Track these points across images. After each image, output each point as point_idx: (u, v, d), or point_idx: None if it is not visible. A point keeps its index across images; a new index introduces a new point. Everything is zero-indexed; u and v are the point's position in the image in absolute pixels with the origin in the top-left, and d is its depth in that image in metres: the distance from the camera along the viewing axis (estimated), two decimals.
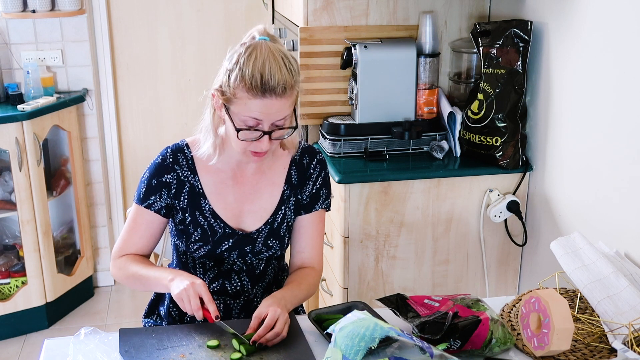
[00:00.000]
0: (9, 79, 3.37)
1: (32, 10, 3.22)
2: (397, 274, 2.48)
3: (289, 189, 1.79)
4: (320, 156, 1.82)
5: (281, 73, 1.55)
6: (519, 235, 2.53)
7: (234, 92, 1.57)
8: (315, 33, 2.55)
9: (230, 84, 1.57)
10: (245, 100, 1.56)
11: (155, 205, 1.74)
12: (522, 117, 2.43)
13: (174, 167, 1.73)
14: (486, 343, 1.50)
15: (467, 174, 2.44)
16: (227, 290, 1.81)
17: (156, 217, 1.75)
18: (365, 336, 1.33)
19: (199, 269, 1.80)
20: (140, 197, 1.75)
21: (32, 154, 3.11)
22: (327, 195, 1.83)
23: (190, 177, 1.74)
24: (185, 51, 3.66)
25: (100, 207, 3.67)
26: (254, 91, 1.54)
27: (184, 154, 1.74)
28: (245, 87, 1.55)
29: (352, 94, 2.55)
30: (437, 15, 2.60)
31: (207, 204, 1.74)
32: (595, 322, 1.64)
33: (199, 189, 1.74)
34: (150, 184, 1.73)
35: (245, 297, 1.83)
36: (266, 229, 1.77)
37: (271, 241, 1.78)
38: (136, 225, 1.76)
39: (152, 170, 1.74)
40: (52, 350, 1.56)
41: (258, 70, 1.54)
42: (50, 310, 3.37)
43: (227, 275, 1.80)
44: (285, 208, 1.78)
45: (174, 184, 1.73)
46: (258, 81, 1.54)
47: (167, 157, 1.74)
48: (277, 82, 1.55)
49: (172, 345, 1.54)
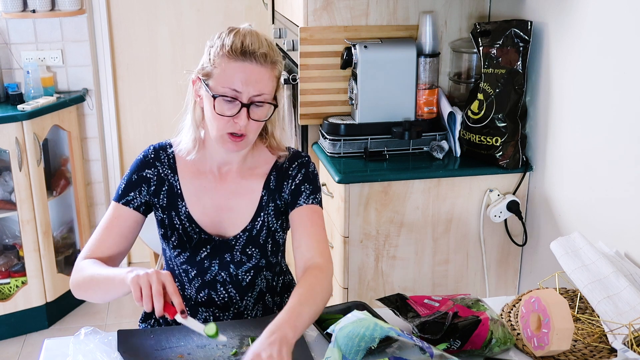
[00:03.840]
0: (9, 79, 3.37)
1: (32, 10, 3.22)
2: (397, 274, 2.48)
3: (267, 194, 1.72)
4: (304, 159, 1.74)
5: (261, 44, 1.57)
6: (519, 235, 2.52)
7: (214, 62, 1.57)
8: (315, 33, 2.54)
9: (211, 58, 1.58)
10: (224, 67, 1.55)
11: (134, 202, 1.69)
12: (522, 117, 2.43)
13: (154, 163, 1.71)
14: (486, 343, 1.50)
15: (467, 174, 2.44)
16: (214, 301, 1.75)
17: (133, 215, 1.68)
18: (365, 336, 1.33)
19: (184, 277, 1.75)
20: (119, 194, 1.70)
21: (32, 153, 3.11)
22: (311, 191, 1.71)
23: (170, 176, 1.71)
24: (185, 51, 3.66)
25: (100, 207, 3.67)
26: (234, 54, 1.54)
27: (166, 153, 1.72)
28: (225, 53, 1.55)
29: (352, 94, 2.55)
30: (437, 15, 2.60)
31: (184, 206, 1.70)
32: (595, 322, 1.64)
33: (177, 189, 1.71)
34: (131, 179, 1.70)
35: (235, 309, 1.76)
36: (244, 236, 1.70)
37: (250, 249, 1.71)
38: (111, 224, 1.68)
39: (133, 167, 1.71)
40: (52, 350, 1.55)
41: (239, 39, 1.56)
42: (50, 310, 3.37)
43: (213, 286, 1.74)
44: (264, 214, 1.71)
45: (154, 180, 1.70)
46: (238, 46, 1.55)
47: (148, 153, 1.72)
48: (258, 48, 1.55)
49: (171, 345, 1.54)
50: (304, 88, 2.59)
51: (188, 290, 1.77)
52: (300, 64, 2.56)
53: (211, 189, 1.71)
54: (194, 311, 1.77)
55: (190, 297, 1.77)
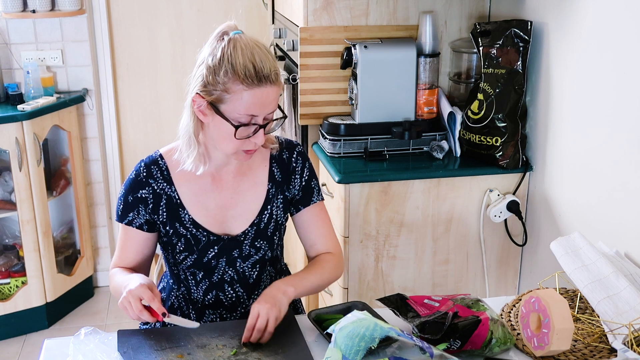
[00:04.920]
0: (9, 79, 3.37)
1: (32, 10, 3.22)
2: (397, 274, 2.48)
3: (274, 187, 1.74)
4: (300, 148, 1.78)
5: (269, 60, 1.54)
6: (519, 235, 2.52)
7: (226, 88, 1.52)
8: (315, 33, 2.54)
9: (220, 80, 1.52)
10: (241, 94, 1.52)
11: (135, 222, 1.70)
12: (522, 117, 2.43)
13: (148, 182, 1.68)
14: (486, 343, 1.50)
15: (467, 174, 2.44)
16: (222, 302, 1.77)
17: (140, 234, 1.71)
18: (365, 336, 1.33)
19: (191, 281, 1.76)
20: (119, 214, 1.71)
21: (32, 154, 3.11)
22: (318, 186, 1.80)
23: (167, 188, 1.69)
24: (185, 51, 3.66)
25: (100, 207, 3.67)
26: (249, 81, 1.51)
27: (158, 166, 1.69)
28: (239, 78, 1.51)
29: (352, 94, 2.55)
30: (437, 15, 2.60)
31: (187, 214, 1.69)
32: (595, 322, 1.64)
33: (176, 199, 1.69)
34: (127, 200, 1.69)
35: (242, 309, 1.78)
36: (252, 230, 1.72)
37: (259, 242, 1.74)
38: (125, 245, 1.73)
39: (127, 186, 1.70)
40: (52, 350, 1.56)
41: (249, 59, 1.51)
42: (50, 310, 3.37)
43: (220, 286, 1.75)
44: (271, 207, 1.74)
45: (151, 199, 1.69)
46: (252, 70, 1.51)
47: (140, 171, 1.69)
48: (270, 69, 1.53)
49: (171, 345, 1.54)
50: (304, 88, 2.59)
51: (195, 294, 1.77)
52: (300, 64, 2.56)
53: (211, 190, 1.71)
54: (201, 314, 1.78)
55: (197, 300, 1.77)
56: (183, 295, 1.79)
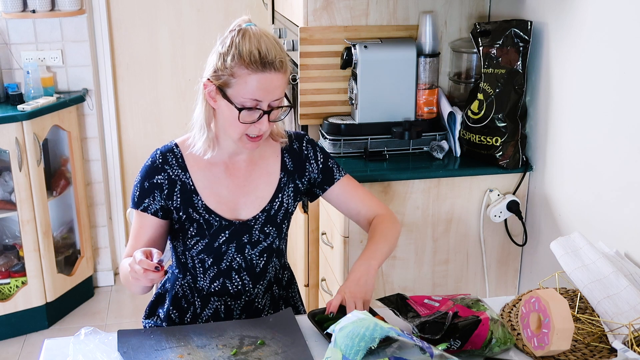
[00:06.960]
0: (9, 79, 3.37)
1: (32, 10, 3.22)
2: (397, 274, 2.48)
3: (286, 176, 1.81)
4: (308, 137, 1.87)
5: (276, 49, 1.62)
6: (519, 235, 2.52)
7: (232, 72, 1.60)
8: (315, 33, 2.55)
9: (227, 65, 1.60)
10: (245, 78, 1.60)
11: (150, 208, 1.74)
12: (522, 117, 2.43)
13: (164, 167, 1.74)
14: (486, 343, 1.50)
15: (467, 174, 2.44)
16: (228, 290, 1.81)
17: (155, 220, 1.75)
18: (365, 336, 1.33)
19: (199, 269, 1.80)
20: (134, 201, 1.75)
21: (32, 154, 3.11)
22: (337, 164, 1.87)
23: (182, 175, 1.75)
24: (185, 51, 3.66)
25: (100, 207, 3.68)
26: (254, 66, 1.59)
27: (174, 154, 1.76)
28: (244, 63, 1.59)
29: (352, 94, 2.55)
30: (437, 15, 2.60)
31: (200, 200, 1.74)
32: (595, 322, 1.64)
33: (190, 185, 1.75)
34: (143, 186, 1.74)
35: (247, 298, 1.83)
36: (263, 216, 1.78)
37: (268, 228, 1.79)
38: (138, 233, 1.76)
39: (143, 173, 1.75)
40: (52, 350, 1.56)
41: (255, 46, 1.59)
42: (50, 310, 3.37)
43: (227, 274, 1.80)
44: (282, 195, 1.80)
45: (166, 185, 1.74)
46: (257, 56, 1.59)
47: (156, 158, 1.75)
48: (275, 56, 1.61)
49: (171, 346, 1.54)
50: (304, 88, 2.59)
51: (201, 282, 1.81)
52: (300, 64, 2.56)
53: (224, 178, 1.77)
54: (206, 301, 1.82)
55: (203, 288, 1.82)
56: (188, 283, 1.83)
